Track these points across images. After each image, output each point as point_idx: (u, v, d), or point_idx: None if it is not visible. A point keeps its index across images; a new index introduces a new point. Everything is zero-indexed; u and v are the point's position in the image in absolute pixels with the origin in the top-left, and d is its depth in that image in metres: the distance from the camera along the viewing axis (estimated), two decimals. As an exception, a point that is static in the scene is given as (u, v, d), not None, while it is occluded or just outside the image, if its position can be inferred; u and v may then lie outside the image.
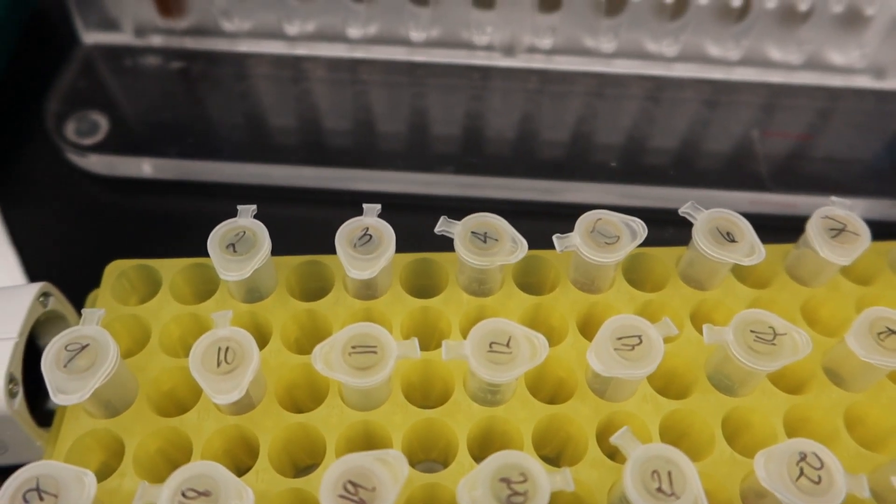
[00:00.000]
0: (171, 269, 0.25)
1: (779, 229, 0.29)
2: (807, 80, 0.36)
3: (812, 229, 0.24)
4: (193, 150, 0.32)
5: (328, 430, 0.22)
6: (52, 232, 0.32)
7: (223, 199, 0.32)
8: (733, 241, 0.23)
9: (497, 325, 0.21)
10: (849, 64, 0.35)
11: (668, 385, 0.25)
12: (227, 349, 0.21)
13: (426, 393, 0.25)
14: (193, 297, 0.25)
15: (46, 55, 0.37)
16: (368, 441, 0.23)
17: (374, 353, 0.21)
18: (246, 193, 0.32)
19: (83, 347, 0.20)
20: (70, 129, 0.33)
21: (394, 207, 0.24)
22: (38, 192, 0.33)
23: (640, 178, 0.32)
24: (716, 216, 0.24)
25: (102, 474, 0.21)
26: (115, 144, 0.32)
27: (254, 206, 0.24)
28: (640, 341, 0.21)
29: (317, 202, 0.32)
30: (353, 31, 0.35)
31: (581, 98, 0.35)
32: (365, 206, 0.24)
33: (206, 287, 0.25)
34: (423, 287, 0.26)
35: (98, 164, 0.32)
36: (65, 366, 0.20)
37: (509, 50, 0.35)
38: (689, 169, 0.25)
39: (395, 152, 0.33)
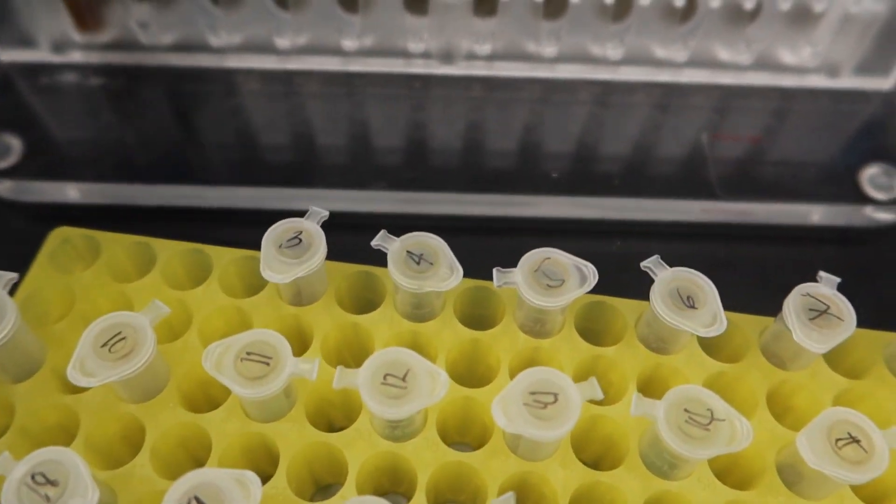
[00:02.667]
0: (113, 243, 0.25)
1: (732, 237, 0.29)
2: (758, 80, 0.34)
3: (789, 308, 0.21)
4: (114, 173, 0.30)
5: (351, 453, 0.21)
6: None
7: (145, 223, 0.27)
8: (693, 307, 0.21)
9: (393, 355, 0.19)
10: (801, 63, 0.33)
11: (604, 454, 0.22)
12: (120, 336, 0.20)
13: (348, 415, 0.23)
14: (134, 275, 0.25)
15: None
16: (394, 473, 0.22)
17: (267, 364, 0.19)
18: (173, 216, 0.30)
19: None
20: None
21: (330, 226, 0.23)
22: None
23: (587, 189, 0.30)
24: (679, 276, 0.21)
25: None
26: (29, 168, 0.30)
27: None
28: (556, 400, 0.19)
29: (247, 223, 0.29)
30: (282, 42, 0.33)
31: (525, 105, 0.33)
32: (312, 208, 0.23)
33: (146, 267, 0.25)
34: (365, 300, 0.24)
35: (9, 189, 0.30)
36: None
37: (447, 57, 0.33)
38: (637, 177, 0.23)
39: (331, 168, 0.31)
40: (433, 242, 0.22)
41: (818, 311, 0.21)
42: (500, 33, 0.32)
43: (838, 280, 0.21)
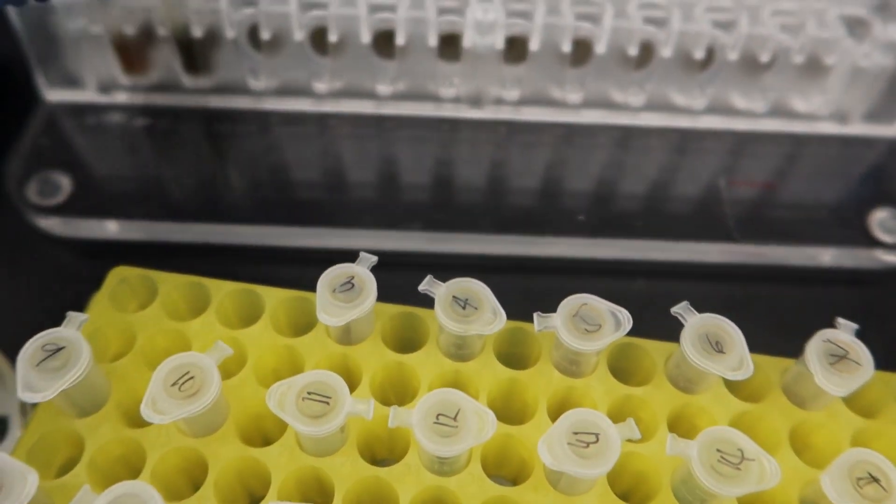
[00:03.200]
0: (168, 283, 0.26)
1: (748, 278, 0.30)
2: (772, 127, 0.36)
3: (811, 353, 0.22)
4: (158, 211, 0.32)
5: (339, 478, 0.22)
6: (12, 294, 0.31)
7: (187, 259, 0.28)
8: (721, 351, 0.22)
9: (446, 396, 0.20)
10: (812, 111, 0.35)
11: (634, 488, 0.24)
12: (189, 375, 0.21)
13: (391, 449, 0.25)
14: (188, 314, 0.26)
15: (7, 114, 0.35)
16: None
17: (327, 403, 0.21)
18: (211, 253, 0.32)
19: (58, 349, 0.21)
20: (32, 191, 0.32)
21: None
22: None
23: (609, 231, 0.32)
24: (707, 322, 0.23)
25: (64, 471, 0.22)
26: (77, 205, 0.32)
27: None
28: (597, 440, 0.20)
29: (283, 261, 0.31)
30: (319, 86, 0.35)
31: (549, 148, 0.35)
32: (362, 254, 0.24)
33: (201, 305, 0.26)
34: (406, 340, 0.26)
35: (59, 225, 0.32)
36: (37, 364, 0.21)
37: (476, 101, 0.35)
38: (657, 219, 0.25)
39: (364, 208, 0.33)
40: (477, 288, 0.23)
41: (838, 357, 0.22)
42: (528, 80, 0.34)
43: (856, 326, 0.23)
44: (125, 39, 0.33)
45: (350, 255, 0.24)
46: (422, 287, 0.23)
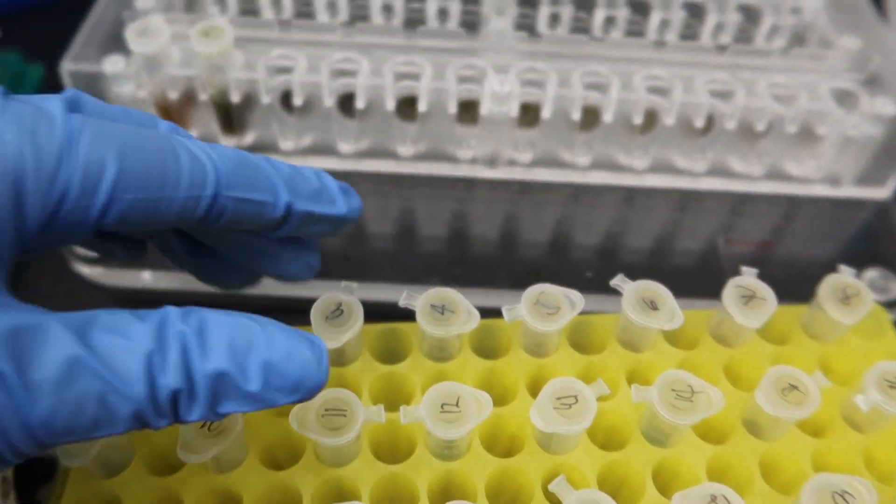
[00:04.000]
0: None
1: None
2: (768, 189, 0.39)
3: (726, 297, 0.27)
4: None
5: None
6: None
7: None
8: (656, 308, 0.27)
9: (446, 387, 0.24)
10: (806, 174, 0.39)
11: (609, 439, 0.28)
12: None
13: (393, 450, 0.28)
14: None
15: None
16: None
17: (344, 415, 0.24)
18: (234, 304, 0.34)
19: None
20: None
21: (384, 316, 0.27)
22: (45, 303, 0.33)
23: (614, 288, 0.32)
24: (641, 287, 0.27)
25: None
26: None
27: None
28: (577, 400, 0.24)
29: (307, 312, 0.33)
30: (345, 147, 0.38)
31: (559, 207, 0.38)
32: (343, 283, 0.27)
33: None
34: (393, 352, 0.29)
35: (103, 275, 0.35)
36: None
37: (491, 162, 0.38)
38: (659, 277, 0.27)
39: (384, 262, 0.36)
40: (451, 294, 0.27)
41: (748, 297, 0.27)
42: (540, 143, 0.38)
43: (756, 270, 0.28)
44: (168, 103, 0.36)
45: (373, 308, 0.27)
46: (402, 302, 0.27)
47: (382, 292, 0.34)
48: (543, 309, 0.27)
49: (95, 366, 0.17)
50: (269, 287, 0.34)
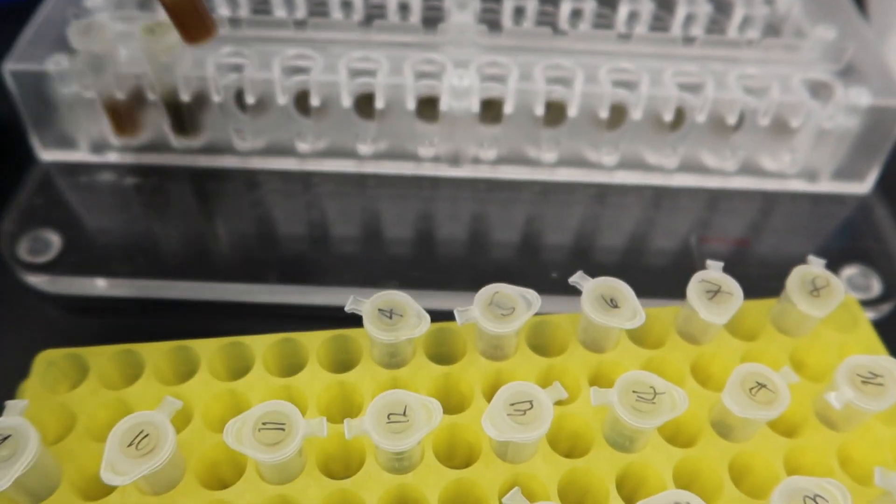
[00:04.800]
0: (99, 356, 0.26)
1: None
2: (743, 184, 0.38)
3: (691, 293, 0.26)
4: (146, 268, 0.33)
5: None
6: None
7: (174, 315, 0.33)
8: (616, 306, 0.25)
9: (392, 396, 0.22)
10: (782, 169, 0.37)
11: (573, 446, 0.26)
12: (143, 433, 0.22)
13: (346, 464, 0.26)
14: (122, 383, 0.27)
15: (4, 174, 0.37)
16: None
17: (282, 429, 0.22)
18: (195, 309, 0.33)
19: (4, 438, 0.21)
20: (23, 249, 0.34)
21: (345, 321, 0.26)
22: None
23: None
24: (601, 284, 0.26)
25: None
26: (67, 263, 0.33)
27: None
28: (532, 406, 0.23)
29: (267, 317, 0.32)
30: (303, 146, 0.37)
31: (526, 206, 0.37)
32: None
33: (135, 371, 0.26)
34: (342, 361, 0.27)
35: (47, 283, 0.33)
36: (-14, 456, 0.21)
37: (455, 160, 0.37)
38: (630, 278, 0.26)
39: (344, 265, 0.34)
40: (399, 298, 0.25)
41: (713, 292, 0.26)
42: (504, 140, 0.36)
43: (722, 264, 0.27)
44: (116, 103, 0.35)
45: (330, 312, 0.26)
46: (348, 307, 0.25)
47: (339, 296, 0.33)
48: (498, 310, 0.25)
49: None
50: (231, 294, 0.33)
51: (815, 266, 0.27)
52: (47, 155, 0.37)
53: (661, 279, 0.34)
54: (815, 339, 0.28)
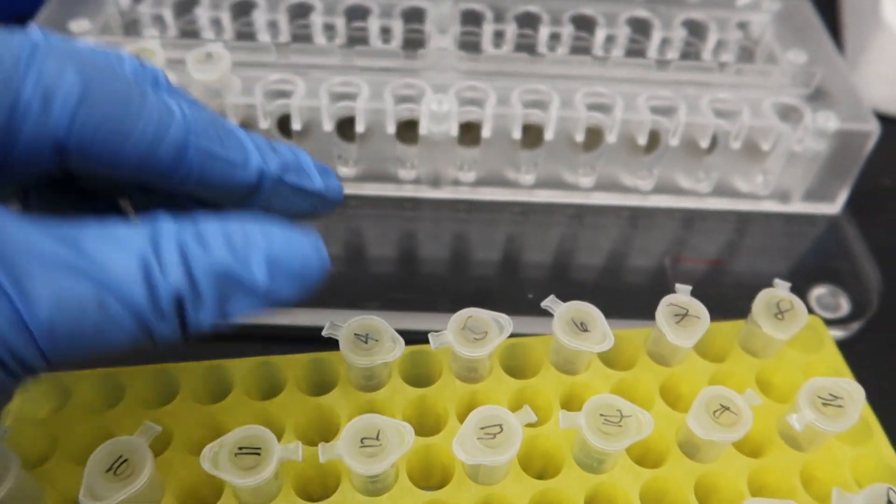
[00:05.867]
0: (81, 380, 0.27)
1: None
2: (717, 205, 0.39)
3: (659, 316, 0.27)
4: None
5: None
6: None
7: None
8: (586, 330, 0.26)
9: (365, 420, 0.23)
10: (754, 190, 0.38)
11: (545, 467, 0.27)
12: (122, 458, 0.22)
13: (324, 486, 0.27)
14: (103, 406, 0.27)
15: None
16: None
17: (258, 454, 0.23)
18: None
19: (-16, 464, 0.22)
20: None
21: (326, 344, 0.26)
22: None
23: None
24: (572, 308, 0.26)
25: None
26: None
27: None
28: (501, 429, 0.23)
29: (248, 338, 0.30)
30: None
31: (505, 227, 0.38)
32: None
33: (116, 394, 0.27)
34: (320, 384, 0.28)
35: None
36: (-34, 482, 0.21)
37: (435, 182, 0.38)
38: (605, 299, 0.26)
39: (323, 287, 0.34)
40: (375, 322, 0.26)
41: (681, 315, 0.27)
42: (483, 162, 0.37)
43: (690, 287, 0.27)
44: None
45: (311, 333, 0.26)
46: (325, 332, 0.26)
47: (320, 317, 0.33)
48: (471, 334, 0.26)
49: (89, 269, 0.17)
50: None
51: (780, 289, 0.28)
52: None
53: (636, 299, 0.35)
54: (781, 360, 0.28)
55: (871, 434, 0.27)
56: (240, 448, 0.23)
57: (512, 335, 0.27)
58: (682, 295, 0.27)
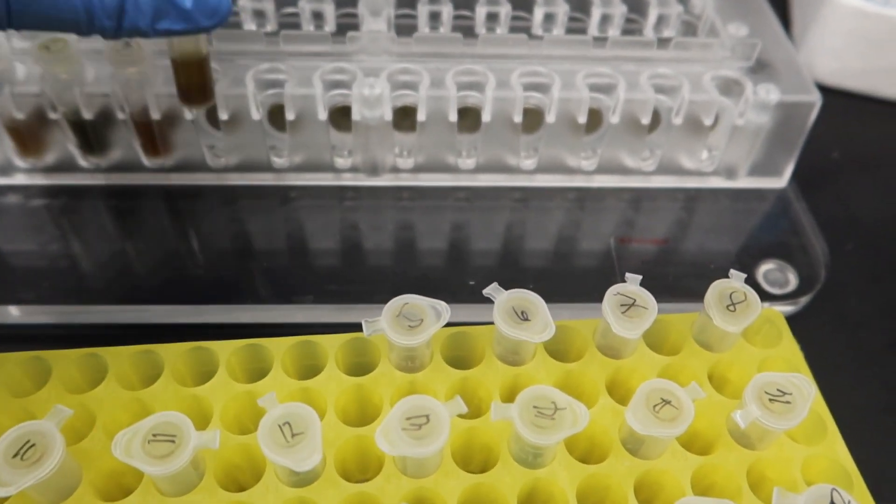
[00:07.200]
0: (7, 362, 0.26)
1: None
2: (664, 183, 0.38)
3: (605, 306, 0.26)
4: (52, 292, 0.32)
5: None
6: None
7: (83, 340, 0.28)
8: (527, 319, 0.25)
9: (295, 409, 0.22)
10: (700, 167, 0.37)
11: (486, 460, 0.26)
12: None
13: (254, 473, 0.26)
14: (33, 388, 0.26)
15: None
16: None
17: (172, 441, 0.22)
18: (111, 332, 0.32)
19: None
20: None
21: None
22: None
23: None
24: (513, 297, 0.25)
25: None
26: None
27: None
28: (428, 420, 0.22)
29: (188, 336, 0.28)
30: (217, 161, 0.36)
31: (449, 212, 0.37)
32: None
33: (43, 377, 0.26)
34: (255, 370, 0.27)
35: None
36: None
37: (373, 170, 0.36)
38: (549, 283, 0.25)
39: (263, 280, 0.33)
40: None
41: (628, 305, 0.26)
42: (421, 147, 0.36)
43: (640, 277, 0.26)
44: (17, 123, 0.34)
45: (245, 330, 0.26)
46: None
47: (258, 313, 0.33)
48: (406, 321, 0.25)
49: None
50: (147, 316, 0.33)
51: (735, 280, 0.27)
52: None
53: (583, 282, 0.34)
54: (737, 355, 0.27)
55: (826, 431, 0.25)
56: (154, 435, 0.22)
57: (457, 324, 0.26)
58: (630, 284, 0.26)
